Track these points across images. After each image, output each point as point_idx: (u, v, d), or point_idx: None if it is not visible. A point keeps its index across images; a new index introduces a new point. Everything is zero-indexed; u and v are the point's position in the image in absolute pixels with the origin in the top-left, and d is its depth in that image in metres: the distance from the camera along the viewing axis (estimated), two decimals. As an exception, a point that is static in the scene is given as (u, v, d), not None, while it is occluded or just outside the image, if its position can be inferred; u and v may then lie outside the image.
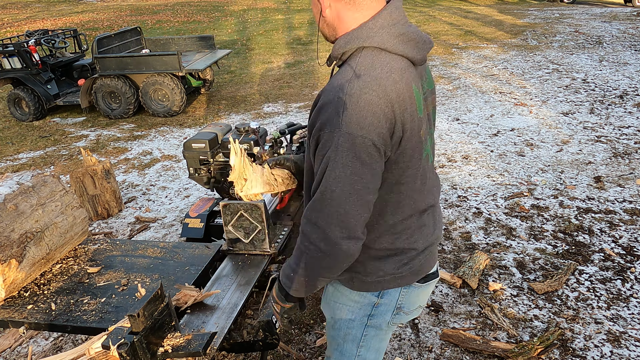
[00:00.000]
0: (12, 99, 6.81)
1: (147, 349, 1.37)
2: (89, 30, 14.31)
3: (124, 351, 1.32)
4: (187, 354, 1.44)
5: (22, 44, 6.50)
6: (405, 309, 1.47)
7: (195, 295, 1.72)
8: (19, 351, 2.72)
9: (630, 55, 8.93)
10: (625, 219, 3.68)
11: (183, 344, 1.46)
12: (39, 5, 21.86)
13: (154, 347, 1.42)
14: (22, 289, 1.99)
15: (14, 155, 5.68)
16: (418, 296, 1.49)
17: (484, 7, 17.04)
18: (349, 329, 1.51)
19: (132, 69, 6.43)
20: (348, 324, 1.50)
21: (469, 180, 4.45)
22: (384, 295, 1.43)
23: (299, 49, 10.99)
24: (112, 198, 4.10)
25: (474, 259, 3.20)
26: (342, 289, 1.46)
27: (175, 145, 5.67)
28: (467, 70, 8.40)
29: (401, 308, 1.46)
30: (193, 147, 3.04)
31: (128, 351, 1.33)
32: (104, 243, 2.34)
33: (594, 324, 2.69)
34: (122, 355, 1.33)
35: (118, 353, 1.33)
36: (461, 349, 2.56)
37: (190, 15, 17.97)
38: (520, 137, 5.36)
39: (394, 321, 1.49)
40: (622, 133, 5.34)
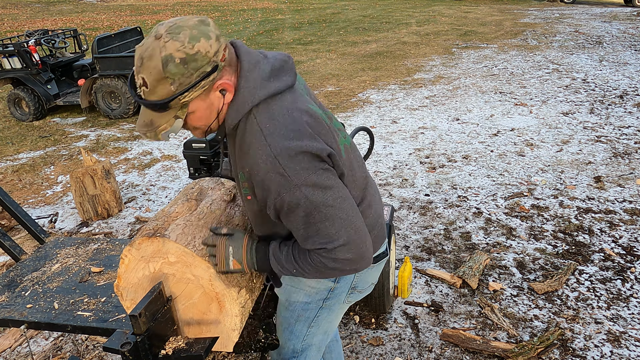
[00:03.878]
0: (12, 99, 6.81)
1: (149, 350, 1.37)
2: (89, 30, 14.31)
3: (127, 351, 1.34)
4: (188, 357, 1.44)
5: (22, 44, 6.49)
6: (359, 288, 1.56)
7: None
8: (19, 351, 2.72)
9: (630, 55, 8.93)
10: (625, 219, 3.68)
11: (184, 347, 1.46)
12: (39, 5, 21.86)
13: (156, 350, 1.42)
14: (22, 289, 1.99)
15: (14, 155, 5.68)
16: (371, 275, 1.57)
17: (484, 7, 17.04)
18: (303, 311, 1.58)
19: (132, 69, 6.42)
20: (303, 306, 1.57)
21: (469, 180, 4.45)
22: (340, 279, 1.51)
23: (299, 49, 10.99)
24: (112, 198, 4.10)
25: (474, 259, 3.20)
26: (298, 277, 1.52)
27: (175, 145, 5.67)
28: (467, 70, 8.40)
29: (355, 288, 1.55)
30: (193, 147, 3.04)
31: (131, 351, 1.33)
32: (104, 243, 2.34)
33: (594, 324, 2.69)
34: (125, 354, 1.34)
35: (121, 353, 1.34)
36: (461, 349, 2.56)
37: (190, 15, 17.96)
38: (520, 137, 5.36)
39: (348, 300, 1.58)
40: (622, 133, 5.34)
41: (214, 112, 1.28)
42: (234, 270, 1.44)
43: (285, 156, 1.20)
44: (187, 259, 1.43)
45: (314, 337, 1.64)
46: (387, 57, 9.80)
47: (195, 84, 1.19)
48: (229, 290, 1.45)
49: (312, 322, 1.60)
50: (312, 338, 1.65)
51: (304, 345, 1.65)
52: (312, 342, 1.66)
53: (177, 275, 1.47)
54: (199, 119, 1.29)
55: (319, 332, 1.63)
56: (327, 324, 1.63)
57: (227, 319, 1.49)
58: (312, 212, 1.23)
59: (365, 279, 1.56)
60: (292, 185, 1.21)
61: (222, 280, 1.44)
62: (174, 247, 1.43)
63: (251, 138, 1.25)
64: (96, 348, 2.68)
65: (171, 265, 1.45)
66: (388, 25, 13.82)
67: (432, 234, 3.63)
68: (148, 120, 1.26)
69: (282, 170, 1.20)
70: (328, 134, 1.31)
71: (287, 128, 1.23)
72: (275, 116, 1.25)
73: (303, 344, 1.65)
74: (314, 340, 1.65)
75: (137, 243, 1.45)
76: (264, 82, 1.27)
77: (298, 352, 1.67)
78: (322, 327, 1.63)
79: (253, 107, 1.26)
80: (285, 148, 1.21)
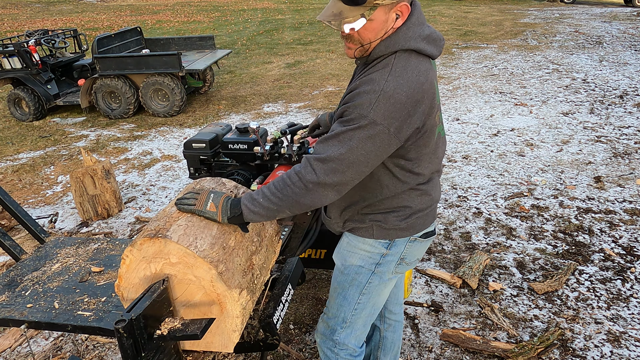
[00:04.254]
0: (12, 99, 6.81)
1: (144, 329, 1.37)
2: (89, 30, 14.31)
3: (122, 328, 1.33)
4: (184, 337, 1.43)
5: (22, 44, 6.49)
6: (407, 260, 1.71)
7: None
8: (19, 351, 2.72)
9: (630, 55, 8.93)
10: (625, 219, 3.68)
11: (180, 327, 1.46)
12: (39, 5, 21.86)
13: (151, 330, 1.42)
14: (22, 289, 1.99)
15: (14, 155, 5.68)
16: (418, 249, 1.73)
17: (484, 7, 17.04)
18: (357, 275, 1.71)
19: (132, 69, 6.43)
20: (357, 269, 1.70)
21: (469, 180, 4.45)
22: (392, 246, 1.66)
23: (299, 49, 10.99)
24: (112, 198, 4.10)
25: (474, 259, 3.20)
26: (355, 239, 1.68)
27: (175, 145, 5.67)
28: (467, 70, 8.41)
29: (404, 259, 1.70)
30: (193, 147, 3.04)
31: (125, 328, 1.33)
32: (104, 242, 2.34)
33: (594, 324, 2.69)
34: (120, 331, 1.33)
35: (115, 329, 1.34)
36: (461, 349, 2.56)
37: (190, 15, 17.97)
38: (520, 137, 5.36)
39: (396, 270, 1.71)
40: (622, 133, 5.34)
41: (383, 30, 1.42)
42: (208, 213, 1.51)
43: (388, 97, 1.35)
44: (188, 260, 1.43)
45: (364, 307, 1.74)
46: (387, 57, 9.79)
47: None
48: (230, 292, 1.45)
49: (364, 288, 1.71)
50: (362, 309, 1.74)
51: (353, 316, 1.75)
52: (361, 315, 1.76)
53: (179, 276, 1.46)
54: (372, 30, 1.41)
55: (369, 302, 1.74)
56: (377, 295, 1.74)
57: (228, 320, 1.49)
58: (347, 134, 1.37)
59: (414, 253, 1.71)
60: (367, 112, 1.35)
61: (223, 281, 1.44)
62: (175, 248, 1.43)
63: (380, 68, 1.41)
64: (96, 348, 2.69)
65: (173, 266, 1.45)
66: (388, 25, 13.80)
67: (429, 243, 3.62)
68: (337, 11, 1.39)
69: (376, 100, 1.35)
70: (431, 112, 1.46)
71: (408, 84, 1.38)
72: (408, 68, 1.40)
73: (353, 314, 1.75)
74: (363, 312, 1.75)
75: (138, 243, 1.45)
76: (419, 38, 1.44)
77: (347, 323, 1.76)
78: (372, 298, 1.74)
79: (400, 50, 1.42)
80: (393, 93, 1.35)
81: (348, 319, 1.76)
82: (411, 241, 1.67)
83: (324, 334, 1.83)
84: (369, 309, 1.77)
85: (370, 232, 1.64)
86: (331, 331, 1.80)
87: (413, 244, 1.68)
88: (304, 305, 2.95)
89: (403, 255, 1.69)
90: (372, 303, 1.76)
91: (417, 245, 1.70)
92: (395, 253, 1.67)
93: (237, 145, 2.88)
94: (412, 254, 1.71)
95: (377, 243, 1.65)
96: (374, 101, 1.35)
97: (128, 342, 1.34)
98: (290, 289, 2.05)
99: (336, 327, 1.78)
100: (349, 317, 1.76)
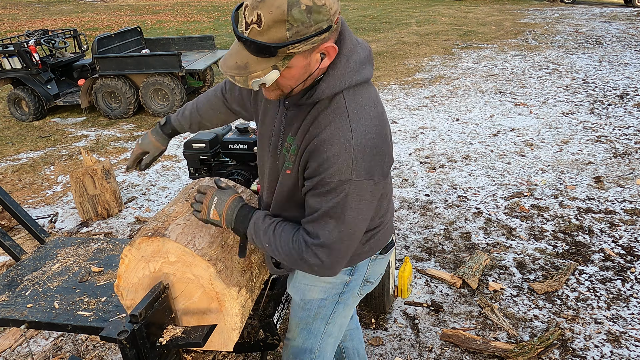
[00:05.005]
0: (12, 99, 6.81)
1: (147, 338, 1.37)
2: (89, 30, 14.31)
3: (124, 339, 1.32)
4: (186, 344, 1.44)
5: (22, 44, 6.49)
6: (370, 279, 1.62)
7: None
8: (19, 351, 2.72)
9: (630, 55, 8.93)
10: (625, 219, 3.68)
11: (182, 335, 1.46)
12: (39, 5, 21.87)
13: (154, 338, 1.42)
14: (22, 289, 1.99)
15: (14, 155, 5.68)
16: (380, 266, 1.64)
17: (484, 7, 17.04)
18: (320, 308, 1.59)
19: (132, 69, 6.43)
20: (319, 303, 1.59)
21: (469, 180, 4.45)
22: (355, 272, 1.55)
23: (299, 49, 10.98)
24: (112, 198, 4.10)
25: (474, 259, 3.20)
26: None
27: (175, 145, 5.67)
28: (467, 70, 8.41)
29: (367, 280, 1.60)
30: (193, 147, 3.04)
31: (128, 339, 1.33)
32: (104, 242, 2.34)
33: (594, 324, 2.69)
34: (122, 342, 1.33)
35: (118, 340, 1.33)
36: (461, 349, 2.56)
37: (190, 15, 17.97)
38: (520, 137, 5.36)
39: (361, 292, 1.62)
40: (622, 133, 5.34)
41: (306, 74, 1.22)
42: (212, 221, 1.44)
43: (362, 149, 1.21)
44: (187, 258, 1.43)
45: (331, 333, 1.66)
46: (387, 57, 9.80)
47: (309, 37, 1.11)
48: (229, 290, 1.45)
49: (329, 318, 1.62)
50: (329, 335, 1.66)
51: (321, 345, 1.67)
52: (329, 341, 1.68)
53: (177, 275, 1.46)
54: (291, 77, 1.21)
55: (335, 328, 1.66)
56: (342, 318, 1.66)
57: (227, 318, 1.49)
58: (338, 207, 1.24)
59: (376, 271, 1.62)
60: (349, 176, 1.21)
61: (222, 279, 1.44)
62: (174, 247, 1.43)
63: (335, 117, 1.24)
64: (96, 348, 2.69)
65: (171, 265, 1.45)
66: (388, 25, 13.82)
67: (432, 234, 3.63)
68: (242, 62, 1.15)
69: (352, 159, 1.20)
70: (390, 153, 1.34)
71: (372, 122, 1.25)
72: (364, 105, 1.26)
73: (321, 343, 1.66)
74: (330, 337, 1.67)
75: (137, 243, 1.45)
76: (360, 66, 1.27)
77: (316, 352, 1.67)
78: (338, 323, 1.65)
79: (345, 88, 1.25)
80: (366, 141, 1.22)
81: (316, 349, 1.66)
82: (372, 260, 1.57)
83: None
84: (336, 333, 1.69)
85: None
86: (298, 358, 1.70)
87: (375, 262, 1.59)
88: (304, 305, 2.95)
89: (366, 277, 1.59)
90: (339, 326, 1.67)
91: (378, 263, 1.61)
92: (358, 277, 1.57)
93: (237, 145, 2.88)
94: (374, 272, 1.62)
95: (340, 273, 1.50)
96: (350, 161, 1.20)
97: (131, 352, 1.35)
98: (290, 289, 2.05)
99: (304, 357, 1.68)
100: (317, 347, 1.66)
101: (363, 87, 1.29)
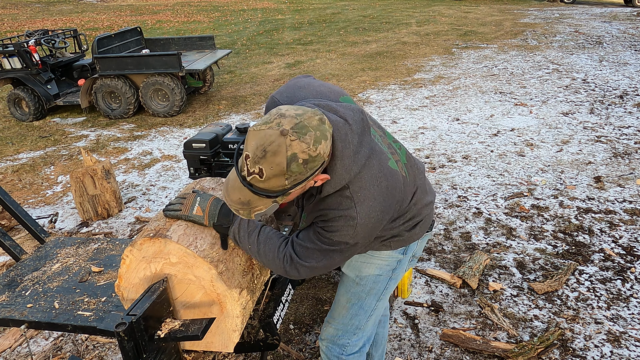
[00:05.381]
0: (12, 99, 6.81)
1: (144, 331, 1.37)
2: (89, 30, 14.31)
3: (122, 331, 1.32)
4: (185, 337, 1.43)
5: (22, 44, 6.49)
6: (417, 254, 1.83)
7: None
8: (19, 351, 2.72)
9: (630, 55, 8.93)
10: (625, 219, 3.68)
11: (181, 328, 1.46)
12: (39, 5, 21.86)
13: (152, 331, 1.42)
14: (22, 289, 1.99)
15: (14, 155, 5.68)
16: (424, 242, 1.83)
17: (484, 7, 17.04)
18: (375, 284, 1.72)
19: (132, 69, 6.43)
20: (375, 279, 1.72)
21: (469, 180, 4.45)
22: (407, 251, 1.71)
23: (299, 49, 10.98)
24: (112, 198, 4.10)
25: (474, 259, 3.20)
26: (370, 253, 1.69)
27: (175, 145, 5.67)
28: (467, 70, 8.40)
29: (415, 255, 1.80)
30: (193, 147, 3.04)
31: (126, 331, 1.32)
32: (104, 242, 2.34)
33: (594, 324, 2.69)
34: (120, 334, 1.32)
35: (116, 333, 1.33)
36: (461, 349, 2.56)
37: (190, 15, 17.97)
38: (520, 137, 5.36)
39: (409, 266, 1.80)
40: (622, 133, 5.34)
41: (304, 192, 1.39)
42: (194, 217, 1.50)
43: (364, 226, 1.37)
44: (188, 260, 1.43)
45: (378, 310, 1.77)
46: (387, 57, 9.80)
47: (306, 180, 1.25)
48: (230, 291, 1.44)
49: (382, 294, 1.74)
50: (377, 311, 1.77)
51: (367, 321, 1.77)
52: (373, 317, 1.79)
53: (179, 276, 1.46)
54: (290, 198, 1.35)
55: (382, 304, 1.78)
56: (388, 293, 1.78)
57: (228, 319, 1.49)
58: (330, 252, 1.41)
59: (421, 246, 1.81)
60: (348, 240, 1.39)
61: (223, 281, 1.44)
62: (175, 248, 1.43)
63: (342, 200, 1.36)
64: (96, 348, 2.69)
65: (173, 266, 1.45)
66: (388, 25, 13.82)
67: (432, 234, 3.63)
68: (245, 200, 1.28)
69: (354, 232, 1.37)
70: (401, 188, 1.48)
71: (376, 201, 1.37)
72: (367, 186, 1.37)
73: (367, 320, 1.76)
74: (375, 314, 1.78)
75: (138, 243, 1.45)
76: (355, 156, 1.34)
77: (361, 329, 1.78)
78: (385, 300, 1.78)
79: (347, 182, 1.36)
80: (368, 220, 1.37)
81: (362, 325, 1.77)
82: (422, 238, 1.77)
83: (332, 341, 1.82)
84: (380, 310, 1.81)
85: (388, 246, 1.67)
86: (341, 337, 1.79)
87: (423, 240, 1.79)
88: (304, 305, 2.95)
89: (414, 253, 1.78)
90: (383, 304, 1.80)
91: (424, 239, 1.81)
92: (409, 254, 1.74)
93: (237, 145, 2.88)
94: (420, 248, 1.82)
95: (395, 252, 1.69)
96: (351, 232, 1.36)
97: (129, 344, 1.34)
98: (290, 289, 2.05)
99: (348, 334, 1.78)
100: (363, 324, 1.77)
101: (365, 168, 1.37)
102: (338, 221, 1.36)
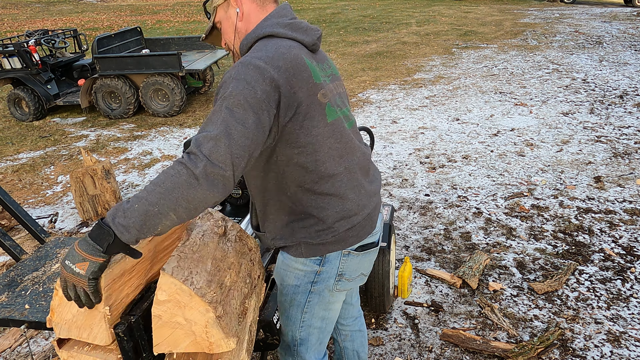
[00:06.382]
0: (12, 99, 6.81)
1: (144, 331, 1.36)
2: (89, 30, 14.31)
3: (122, 331, 1.27)
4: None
5: (22, 44, 6.49)
6: (347, 275, 1.59)
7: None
8: (19, 351, 2.72)
9: (630, 55, 8.93)
10: (625, 219, 3.68)
11: None
12: (39, 5, 21.87)
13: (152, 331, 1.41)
14: (22, 289, 1.99)
15: (14, 155, 5.68)
16: (358, 264, 1.60)
17: (484, 7, 17.04)
18: (295, 295, 1.62)
19: (132, 69, 6.43)
20: (294, 289, 1.61)
21: (469, 180, 4.46)
22: (325, 263, 1.54)
23: (299, 49, 10.98)
24: (112, 198, 4.10)
25: (474, 259, 3.20)
26: (289, 258, 1.57)
27: (175, 145, 5.67)
28: (467, 70, 8.41)
29: (343, 275, 1.58)
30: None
31: (125, 331, 1.28)
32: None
33: (594, 324, 2.69)
34: (120, 335, 1.27)
35: (115, 333, 1.26)
36: (461, 349, 2.56)
37: (190, 15, 17.97)
38: (520, 137, 5.37)
39: (337, 287, 1.60)
40: (622, 133, 5.34)
41: (232, 28, 1.50)
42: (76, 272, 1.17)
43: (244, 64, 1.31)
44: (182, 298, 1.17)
45: (311, 325, 1.66)
46: (387, 57, 9.80)
47: None
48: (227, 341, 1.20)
49: (305, 307, 1.63)
50: (309, 326, 1.67)
51: (302, 334, 1.68)
52: (310, 331, 1.68)
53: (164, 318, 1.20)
54: (224, 32, 1.53)
55: (314, 319, 1.65)
56: (322, 311, 1.64)
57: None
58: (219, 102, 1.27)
59: (353, 267, 1.58)
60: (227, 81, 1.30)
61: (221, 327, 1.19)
62: (168, 283, 1.17)
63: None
64: (96, 348, 2.69)
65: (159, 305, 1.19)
66: (388, 25, 13.82)
67: (432, 234, 3.63)
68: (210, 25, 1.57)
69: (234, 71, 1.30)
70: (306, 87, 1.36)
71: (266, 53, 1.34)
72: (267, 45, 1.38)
73: (301, 332, 1.68)
74: (311, 329, 1.67)
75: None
76: (278, 25, 1.43)
77: (298, 340, 1.70)
78: (317, 314, 1.64)
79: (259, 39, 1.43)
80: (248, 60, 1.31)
81: (297, 337, 1.69)
82: (345, 255, 1.54)
83: (284, 348, 1.78)
84: (318, 324, 1.67)
85: (300, 251, 1.52)
86: (288, 347, 1.74)
87: (348, 257, 1.55)
88: (304, 305, 2.95)
89: (340, 272, 1.56)
90: (320, 318, 1.66)
91: (354, 260, 1.56)
92: (330, 269, 1.55)
93: None
94: (349, 268, 1.57)
95: (309, 261, 1.53)
96: (233, 72, 1.30)
97: (129, 345, 1.33)
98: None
99: (290, 344, 1.73)
100: (298, 335, 1.69)
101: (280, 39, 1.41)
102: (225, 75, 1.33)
